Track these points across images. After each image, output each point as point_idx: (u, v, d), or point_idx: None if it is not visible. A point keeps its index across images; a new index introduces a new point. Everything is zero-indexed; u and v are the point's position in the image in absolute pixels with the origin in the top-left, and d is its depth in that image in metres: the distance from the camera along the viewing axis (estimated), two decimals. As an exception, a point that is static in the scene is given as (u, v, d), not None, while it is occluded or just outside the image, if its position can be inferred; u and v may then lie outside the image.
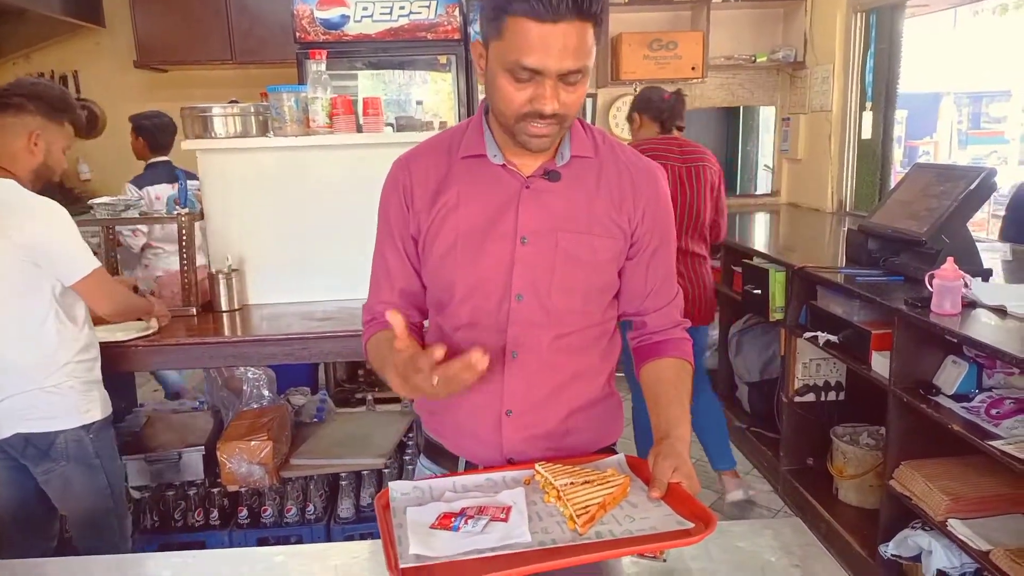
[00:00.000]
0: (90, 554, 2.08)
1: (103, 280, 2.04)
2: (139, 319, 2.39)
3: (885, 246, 2.82)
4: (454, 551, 1.02)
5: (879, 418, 2.96)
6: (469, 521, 1.09)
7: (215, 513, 2.69)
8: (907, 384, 2.41)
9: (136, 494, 2.67)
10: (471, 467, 1.37)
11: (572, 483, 1.16)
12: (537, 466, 1.24)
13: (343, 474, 2.69)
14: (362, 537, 2.50)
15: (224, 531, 2.68)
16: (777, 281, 3.18)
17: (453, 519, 1.10)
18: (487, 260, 1.27)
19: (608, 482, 1.16)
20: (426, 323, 1.44)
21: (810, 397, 3.19)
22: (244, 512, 2.68)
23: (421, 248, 1.33)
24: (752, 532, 1.33)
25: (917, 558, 2.45)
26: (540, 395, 1.34)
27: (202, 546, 2.68)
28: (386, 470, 2.69)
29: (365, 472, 2.70)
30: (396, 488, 1.21)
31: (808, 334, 2.95)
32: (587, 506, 1.09)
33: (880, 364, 2.56)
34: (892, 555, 2.49)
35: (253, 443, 2.58)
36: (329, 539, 2.62)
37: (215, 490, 2.68)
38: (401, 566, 0.99)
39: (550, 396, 1.34)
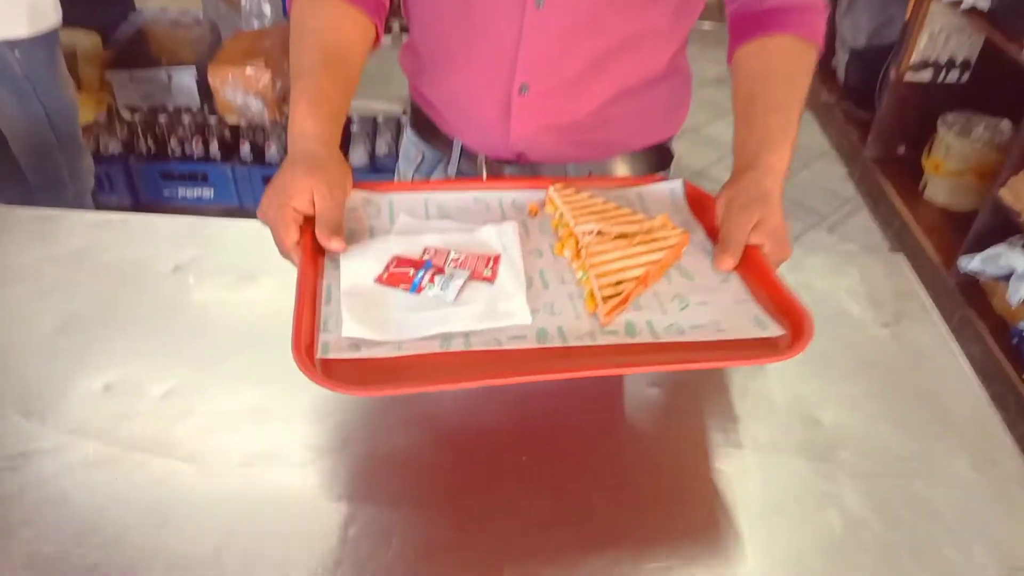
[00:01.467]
0: (39, 193, 1.86)
1: None
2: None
3: None
4: (406, 332, 0.67)
5: (1007, 110, 2.43)
6: (437, 278, 0.73)
7: (215, 145, 2.40)
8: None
9: (128, 115, 2.37)
10: (467, 160, 1.00)
11: (600, 233, 0.78)
12: (551, 189, 0.85)
13: (355, 117, 2.33)
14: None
15: (227, 164, 2.42)
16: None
17: (413, 271, 0.73)
18: None
19: (655, 238, 0.77)
20: None
21: (925, 75, 2.61)
22: (247, 147, 2.40)
23: None
24: (834, 268, 0.97)
25: (1004, 278, 2.13)
26: (574, 67, 0.89)
27: (205, 178, 2.45)
28: (404, 116, 2.31)
29: (381, 119, 2.33)
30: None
31: (953, -5, 2.28)
32: (619, 281, 0.72)
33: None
34: (972, 270, 2.17)
35: (248, 70, 2.20)
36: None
37: (213, 119, 2.36)
38: (320, 355, 0.64)
39: (588, 71, 0.89)
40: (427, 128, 1.04)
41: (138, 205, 2.49)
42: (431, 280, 0.72)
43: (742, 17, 0.90)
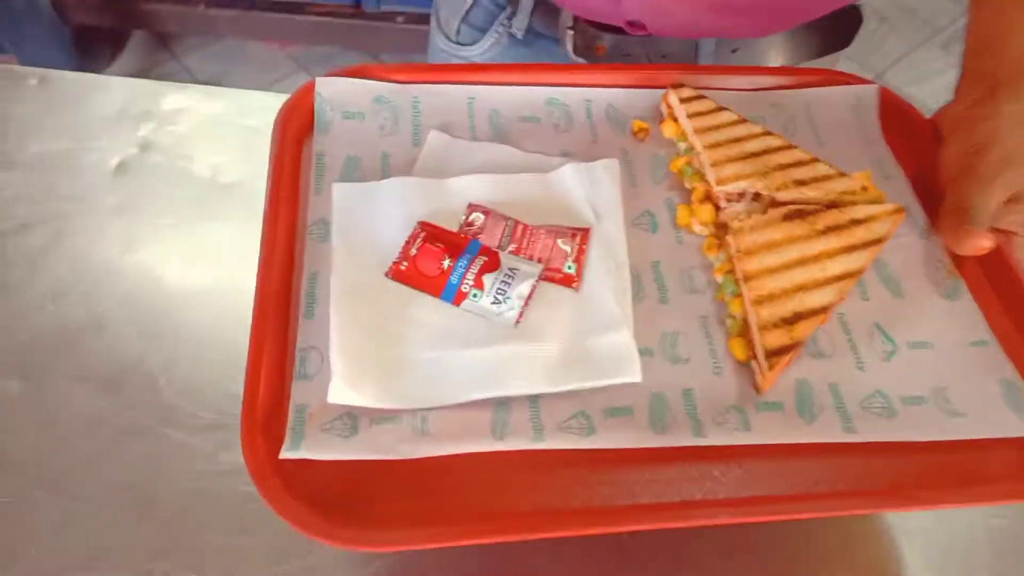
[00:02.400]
0: None
1: None
2: None
3: None
4: (428, 399, 0.39)
5: None
6: (487, 278, 0.42)
7: None
8: None
9: None
10: (545, 13, 0.64)
11: (757, 197, 0.47)
12: (671, 95, 0.51)
13: None
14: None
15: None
16: None
17: (448, 259, 0.42)
18: None
19: (853, 219, 0.46)
20: None
21: None
22: None
23: None
24: None
25: None
26: None
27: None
28: None
29: None
30: (329, 94, 0.50)
31: None
32: (795, 315, 0.42)
33: None
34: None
35: None
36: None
37: None
38: (287, 453, 0.36)
39: None
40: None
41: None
42: (478, 283, 0.42)
43: None
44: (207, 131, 0.64)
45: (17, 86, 0.66)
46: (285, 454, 0.36)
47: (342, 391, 0.38)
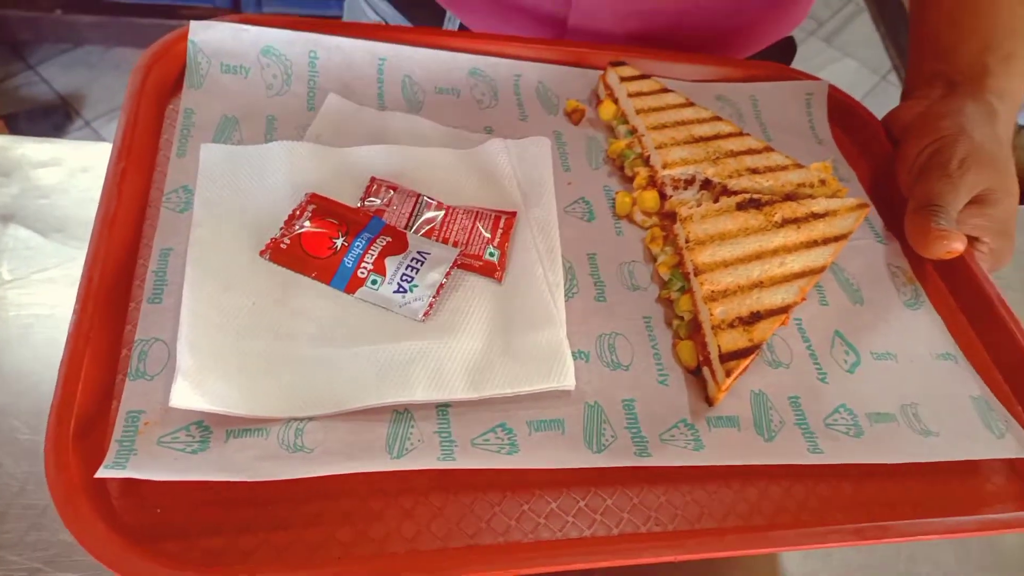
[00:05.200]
0: None
1: None
2: None
3: None
4: (318, 404, 0.31)
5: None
6: (390, 261, 0.34)
7: None
8: None
9: None
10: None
11: (706, 184, 0.41)
12: (611, 73, 0.46)
13: None
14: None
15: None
16: None
17: (341, 237, 0.35)
18: None
19: (811, 212, 0.40)
20: None
21: None
22: None
23: None
24: None
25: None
26: None
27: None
28: None
29: None
30: (204, 40, 0.41)
31: None
32: (752, 314, 0.35)
33: None
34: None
35: None
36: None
37: None
38: (107, 469, 0.27)
39: None
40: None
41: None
42: (378, 266, 0.34)
43: None
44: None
45: None
46: (104, 472, 0.27)
47: (188, 394, 0.29)
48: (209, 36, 0.41)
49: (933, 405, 0.37)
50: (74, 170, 0.47)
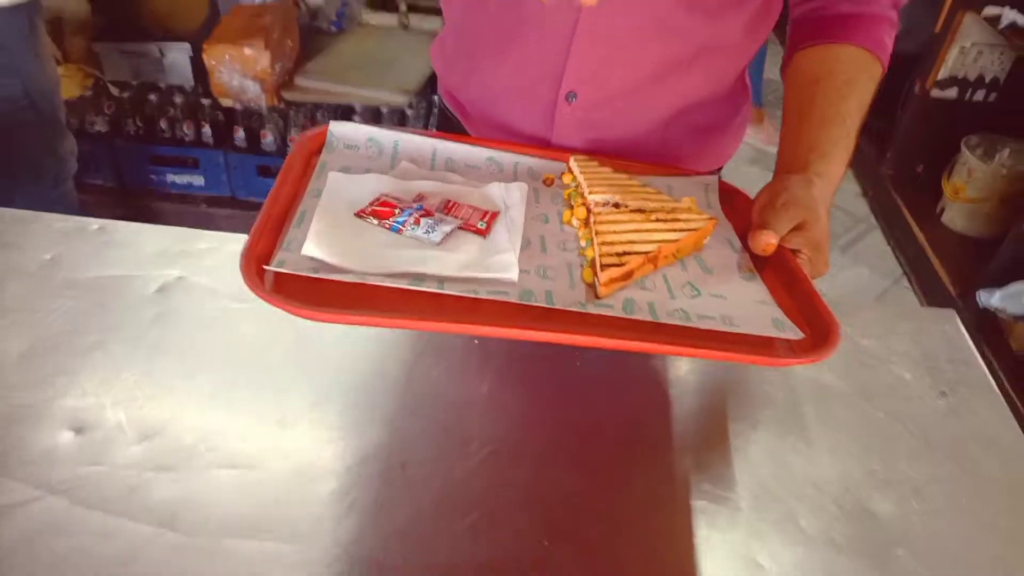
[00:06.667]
0: (17, 177, 1.72)
1: None
2: None
3: None
4: (374, 265, 0.57)
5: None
6: (423, 221, 0.62)
7: (207, 128, 2.29)
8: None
9: (116, 91, 2.26)
10: None
11: (616, 205, 0.67)
12: (572, 160, 0.74)
13: (357, 107, 2.22)
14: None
15: (219, 150, 2.31)
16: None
17: (397, 210, 0.63)
18: None
19: (676, 219, 0.66)
20: None
21: (951, 92, 2.51)
22: (240, 133, 2.28)
23: None
24: (883, 325, 0.85)
25: (1026, 318, 2.01)
26: (633, 77, 0.79)
27: (195, 164, 2.34)
28: (410, 111, 2.20)
29: (385, 110, 2.21)
30: (340, 133, 0.74)
31: (990, 9, 2.18)
32: (624, 252, 0.61)
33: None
34: (992, 306, 2.05)
35: (247, 50, 2.08)
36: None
37: (207, 102, 2.25)
38: (267, 266, 0.55)
39: (650, 82, 0.80)
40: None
41: (124, 188, 2.37)
42: (416, 222, 0.62)
43: (807, 22, 0.79)
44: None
45: (81, 231, 0.86)
46: (270, 267, 0.54)
47: (313, 247, 0.56)
48: (339, 128, 0.73)
49: (744, 317, 0.58)
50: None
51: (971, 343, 0.84)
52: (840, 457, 0.69)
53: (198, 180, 2.38)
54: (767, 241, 0.64)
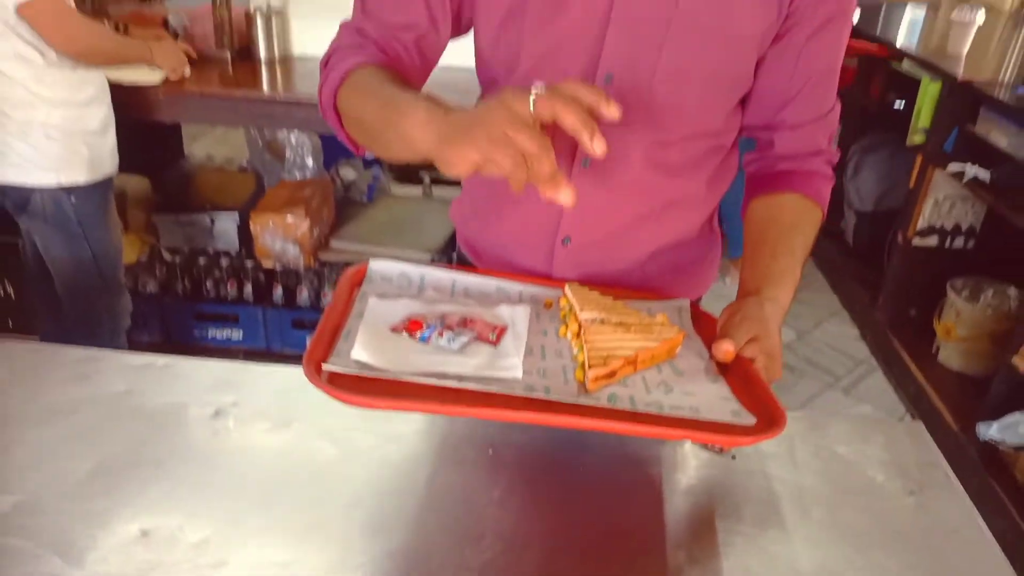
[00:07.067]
0: (75, 329, 1.93)
1: (56, 7, 1.61)
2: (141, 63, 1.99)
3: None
4: (408, 367, 0.72)
5: (1015, 276, 2.50)
6: (445, 334, 0.78)
7: (249, 287, 2.52)
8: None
9: (168, 256, 2.51)
10: None
11: (602, 320, 0.83)
12: (567, 287, 0.91)
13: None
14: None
15: (258, 307, 2.52)
16: (928, 94, 2.58)
17: (424, 326, 0.79)
18: (567, 19, 0.85)
19: (651, 331, 0.81)
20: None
21: (932, 241, 2.71)
22: (279, 291, 2.51)
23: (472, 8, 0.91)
24: (857, 435, 0.95)
25: (1024, 448, 2.09)
26: (614, 225, 0.98)
27: (236, 320, 2.55)
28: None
29: (409, 264, 2.44)
30: (377, 268, 0.92)
31: (954, 166, 2.42)
32: (608, 356, 0.76)
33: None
34: (992, 438, 2.14)
35: (289, 218, 2.34)
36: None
37: (249, 263, 2.49)
38: (326, 367, 0.70)
39: (629, 229, 0.98)
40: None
41: (168, 343, 2.58)
42: (440, 335, 0.78)
43: (759, 176, 0.99)
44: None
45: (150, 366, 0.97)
46: (326, 367, 0.69)
47: (360, 352, 0.72)
48: (377, 265, 0.91)
49: (708, 409, 0.72)
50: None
51: (937, 448, 0.94)
52: (820, 547, 0.77)
53: (237, 334, 2.58)
54: (726, 349, 0.79)
